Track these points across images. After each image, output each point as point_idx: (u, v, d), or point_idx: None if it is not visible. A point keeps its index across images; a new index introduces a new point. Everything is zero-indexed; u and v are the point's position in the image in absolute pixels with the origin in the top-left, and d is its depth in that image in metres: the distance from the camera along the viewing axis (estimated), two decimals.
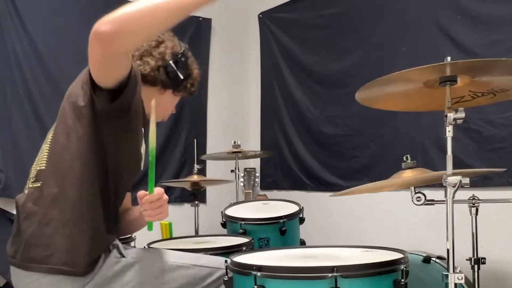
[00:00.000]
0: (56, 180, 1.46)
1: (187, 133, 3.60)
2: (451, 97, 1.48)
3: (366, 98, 1.66)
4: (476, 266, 1.81)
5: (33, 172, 1.54)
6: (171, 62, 1.67)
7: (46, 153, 1.52)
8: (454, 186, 1.40)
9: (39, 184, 1.48)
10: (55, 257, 1.41)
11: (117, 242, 1.57)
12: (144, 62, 1.65)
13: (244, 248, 1.97)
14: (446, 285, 1.41)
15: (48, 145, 1.53)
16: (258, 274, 1.34)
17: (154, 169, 1.44)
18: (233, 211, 2.54)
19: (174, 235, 2.72)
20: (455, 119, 1.41)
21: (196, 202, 2.93)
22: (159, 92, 1.70)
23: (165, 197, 1.49)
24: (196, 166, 2.95)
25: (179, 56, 1.69)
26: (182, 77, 1.69)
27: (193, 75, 1.76)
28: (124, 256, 1.53)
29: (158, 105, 1.59)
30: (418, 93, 1.58)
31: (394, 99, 1.69)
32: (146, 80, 1.64)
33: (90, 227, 1.46)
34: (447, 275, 1.41)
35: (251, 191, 3.08)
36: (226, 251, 1.89)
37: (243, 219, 2.39)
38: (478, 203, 1.77)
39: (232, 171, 3.08)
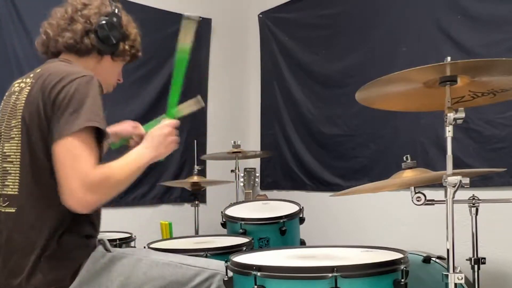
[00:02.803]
0: (35, 205, 1.40)
1: (187, 133, 3.59)
2: (451, 97, 1.48)
3: (366, 98, 1.65)
4: (476, 266, 1.81)
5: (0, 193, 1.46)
6: (103, 22, 1.54)
7: (18, 177, 1.42)
8: (454, 186, 1.40)
9: (13, 210, 1.42)
10: (38, 280, 1.38)
11: (103, 238, 1.52)
12: (71, 31, 1.53)
13: (244, 248, 1.97)
14: (446, 285, 1.41)
15: (18, 168, 1.42)
16: (258, 274, 1.34)
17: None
18: (233, 211, 2.54)
19: (174, 235, 2.73)
20: (455, 119, 1.41)
21: (196, 202, 2.93)
22: (96, 60, 1.59)
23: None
24: (196, 167, 2.95)
25: (109, 16, 1.56)
26: (114, 40, 1.57)
27: (131, 36, 1.63)
28: (110, 252, 1.48)
29: (99, 75, 1.55)
30: (418, 93, 1.58)
31: (394, 99, 1.69)
32: (77, 50, 1.54)
33: (74, 245, 1.42)
34: (447, 275, 1.41)
35: (251, 191, 3.08)
36: (226, 251, 1.89)
37: (243, 219, 2.39)
38: (478, 203, 1.77)
39: (232, 171, 3.08)
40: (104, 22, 1.55)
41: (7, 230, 1.42)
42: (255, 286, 1.34)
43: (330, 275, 1.28)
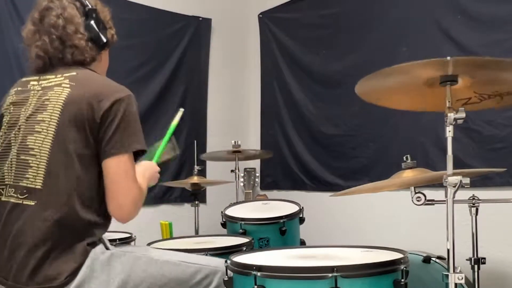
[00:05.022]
0: (56, 202, 1.42)
1: (187, 133, 3.59)
2: (457, 98, 1.47)
3: (366, 92, 1.63)
4: (476, 266, 1.81)
5: (14, 184, 1.46)
6: (91, 26, 1.57)
7: (43, 171, 1.44)
8: (454, 186, 1.40)
9: (32, 203, 1.43)
10: (42, 276, 1.38)
11: (102, 237, 1.53)
12: (73, 47, 1.56)
13: (244, 248, 1.97)
14: (447, 285, 1.41)
15: (45, 163, 1.45)
16: (258, 274, 1.34)
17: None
18: (233, 211, 2.54)
19: (174, 235, 2.73)
20: (455, 119, 1.41)
21: (196, 202, 2.93)
22: (98, 61, 1.63)
23: None
24: (196, 168, 2.95)
25: (89, 15, 1.58)
26: (105, 39, 1.60)
27: (106, 19, 1.66)
28: (109, 249, 1.49)
29: (102, 69, 1.66)
30: (419, 93, 1.57)
31: (395, 96, 1.67)
32: (85, 63, 1.59)
33: (83, 248, 1.43)
34: (448, 275, 1.41)
35: (251, 191, 3.08)
36: (226, 251, 1.89)
37: (243, 219, 2.39)
38: (478, 203, 1.77)
39: (232, 171, 3.08)
40: (91, 24, 1.57)
41: (20, 222, 1.43)
42: (255, 286, 1.34)
43: (330, 275, 1.28)
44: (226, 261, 1.49)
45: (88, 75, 1.56)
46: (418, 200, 1.62)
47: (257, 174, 3.12)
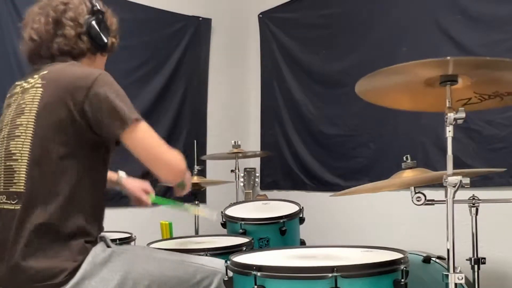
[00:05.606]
0: (41, 204, 1.41)
1: (187, 133, 3.59)
2: (457, 99, 1.47)
3: (366, 91, 1.63)
4: (476, 266, 1.80)
5: (5, 191, 1.46)
6: (92, 22, 1.55)
7: (24, 175, 1.43)
8: (454, 186, 1.40)
9: (18, 207, 1.42)
10: (40, 277, 1.38)
11: (104, 235, 1.53)
12: (62, 36, 1.53)
13: (244, 248, 1.97)
14: (446, 285, 1.41)
15: (25, 166, 1.44)
16: (258, 274, 1.34)
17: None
18: (233, 211, 2.54)
19: (174, 235, 2.72)
20: (455, 119, 1.41)
21: (196, 202, 2.92)
22: (90, 60, 1.60)
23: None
24: (196, 167, 2.95)
25: (96, 14, 1.56)
26: (106, 40, 1.58)
27: (112, 27, 1.65)
28: (110, 247, 1.49)
29: None
30: (419, 93, 1.57)
31: (395, 95, 1.67)
32: (72, 54, 1.55)
33: (81, 246, 1.43)
34: (447, 275, 1.41)
35: (251, 191, 3.08)
36: (226, 251, 1.88)
37: (243, 219, 2.39)
38: (478, 203, 1.77)
39: (232, 171, 3.08)
40: (93, 22, 1.55)
41: (13, 227, 1.42)
42: (255, 286, 1.34)
43: (330, 275, 1.28)
44: (226, 261, 1.49)
45: (58, 70, 1.51)
46: (418, 200, 1.62)
47: (257, 174, 3.12)
